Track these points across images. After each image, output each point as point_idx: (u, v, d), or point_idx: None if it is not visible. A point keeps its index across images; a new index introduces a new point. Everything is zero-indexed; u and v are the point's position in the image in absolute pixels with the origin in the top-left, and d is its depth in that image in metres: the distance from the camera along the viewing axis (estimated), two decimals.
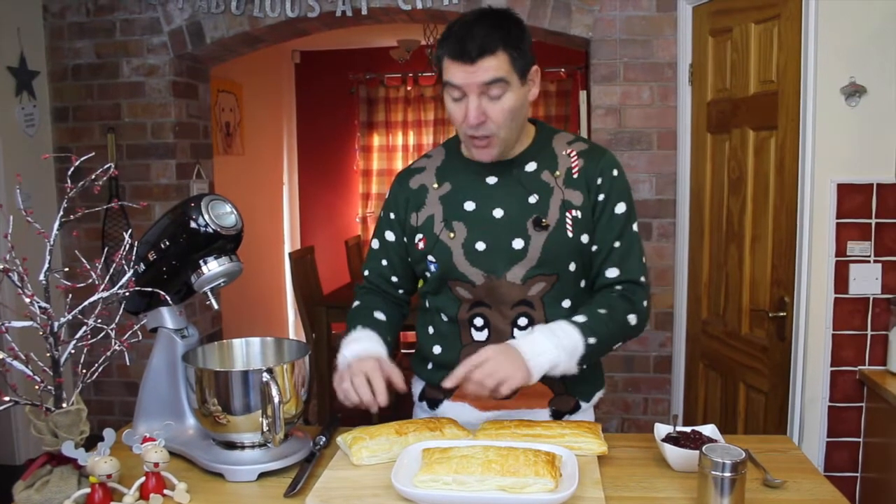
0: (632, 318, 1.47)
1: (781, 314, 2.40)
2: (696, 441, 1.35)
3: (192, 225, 1.38)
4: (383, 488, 1.22)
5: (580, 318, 1.41)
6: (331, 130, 6.44)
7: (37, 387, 1.23)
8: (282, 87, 6.22)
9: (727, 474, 1.12)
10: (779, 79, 2.38)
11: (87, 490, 1.19)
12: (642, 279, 1.51)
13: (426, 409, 1.64)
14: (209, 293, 1.48)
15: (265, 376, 1.29)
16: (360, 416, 1.70)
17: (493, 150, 1.44)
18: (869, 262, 2.27)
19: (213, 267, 1.44)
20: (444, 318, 1.56)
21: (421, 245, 1.53)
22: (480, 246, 1.48)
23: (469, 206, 1.50)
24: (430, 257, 1.52)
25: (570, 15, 3.21)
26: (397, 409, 1.76)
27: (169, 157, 3.60)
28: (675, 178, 3.18)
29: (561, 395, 1.55)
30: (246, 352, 1.54)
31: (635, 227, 1.52)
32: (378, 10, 3.36)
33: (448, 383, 1.34)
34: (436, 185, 1.55)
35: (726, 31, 2.67)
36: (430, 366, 1.60)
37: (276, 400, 1.27)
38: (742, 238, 2.60)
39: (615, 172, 1.51)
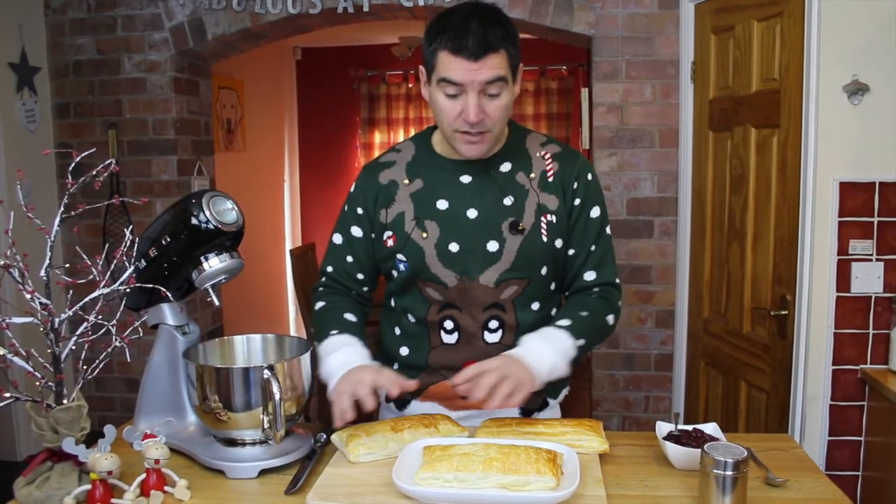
0: (610, 319, 1.52)
1: (783, 312, 2.40)
2: (697, 439, 1.34)
3: (193, 221, 1.38)
4: (384, 486, 1.22)
5: (565, 322, 1.42)
6: (332, 127, 6.44)
7: (37, 383, 1.23)
8: (283, 83, 6.22)
9: (729, 473, 1.12)
10: (781, 76, 2.37)
11: (88, 486, 1.18)
12: (617, 280, 1.56)
13: (393, 410, 1.61)
14: (210, 290, 1.48)
15: (266, 373, 1.29)
16: (360, 415, 1.69)
17: (485, 146, 1.42)
18: (871, 260, 2.27)
19: (214, 263, 1.44)
20: (412, 320, 1.53)
21: (390, 243, 1.49)
22: (454, 247, 1.45)
23: (442, 204, 1.47)
24: (399, 256, 1.48)
25: (573, 12, 3.21)
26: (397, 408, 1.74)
27: (170, 153, 3.60)
28: (676, 175, 3.17)
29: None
30: (247, 348, 1.54)
31: (608, 230, 1.55)
32: (380, 7, 3.35)
33: (458, 380, 1.32)
34: (406, 181, 1.50)
35: (729, 28, 2.66)
36: (395, 366, 1.56)
37: (277, 397, 1.27)
38: (744, 236, 2.59)
39: (589, 176, 1.52)
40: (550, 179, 1.49)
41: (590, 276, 1.52)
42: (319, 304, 1.59)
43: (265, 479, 1.31)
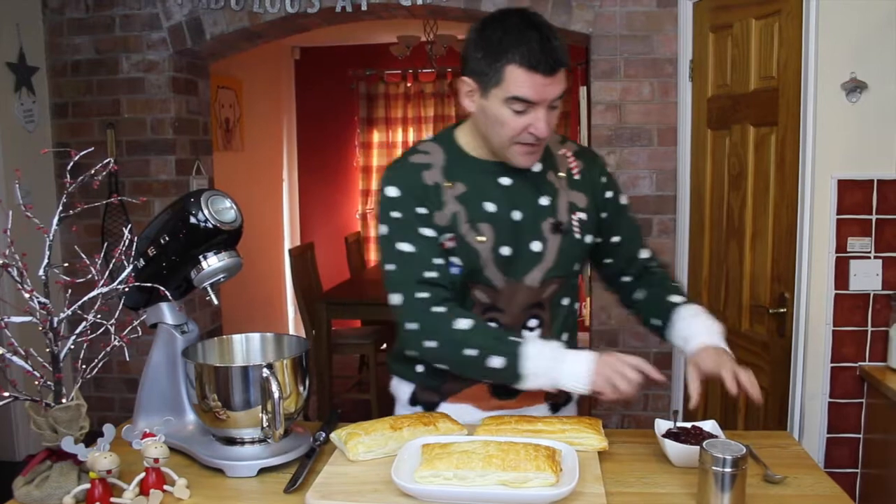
0: None
1: (782, 310, 2.40)
2: (696, 436, 1.35)
3: (192, 220, 1.38)
4: (384, 484, 1.22)
5: (680, 298, 1.55)
6: (330, 127, 6.44)
7: (36, 382, 1.23)
8: (281, 83, 6.22)
9: (728, 470, 1.12)
10: (779, 75, 2.37)
11: (87, 486, 1.18)
12: None
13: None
14: (209, 289, 1.48)
15: (265, 372, 1.29)
16: (360, 414, 1.69)
17: (540, 154, 1.45)
18: (869, 258, 2.27)
19: (212, 262, 1.44)
20: None
21: (449, 244, 1.43)
22: (506, 250, 1.45)
23: (490, 207, 1.45)
24: (453, 259, 1.44)
25: (571, 11, 3.21)
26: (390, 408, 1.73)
27: (168, 153, 3.60)
28: (675, 174, 3.17)
29: None
30: (246, 347, 1.54)
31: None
32: (378, 6, 3.35)
33: (695, 396, 1.38)
34: (448, 184, 1.45)
35: (727, 26, 2.66)
36: (419, 368, 1.54)
37: (276, 395, 1.27)
38: (742, 234, 2.59)
39: (609, 169, 1.62)
40: (577, 178, 1.53)
41: (644, 254, 1.62)
42: (465, 322, 1.38)
43: (264, 477, 1.31)
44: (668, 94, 3.17)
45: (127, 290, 1.34)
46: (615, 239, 1.58)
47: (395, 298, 1.42)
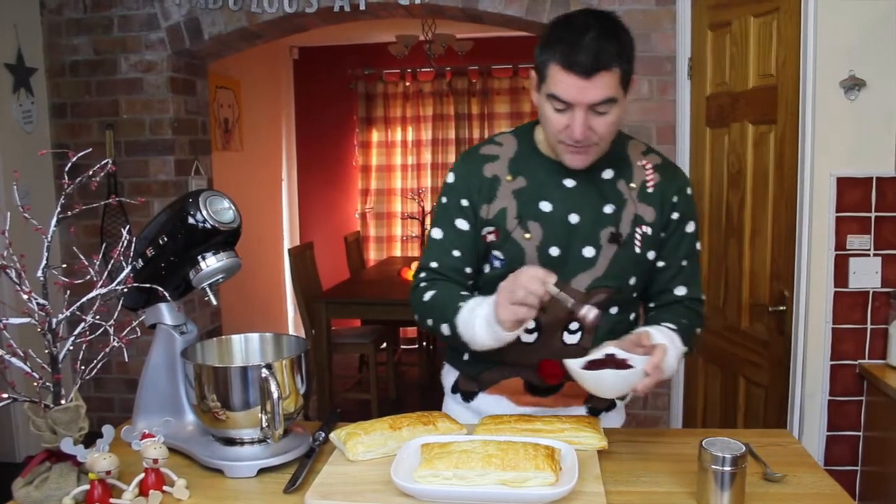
0: (698, 331, 1.51)
1: (781, 308, 2.40)
2: (613, 363, 1.28)
3: (191, 220, 1.38)
4: (383, 483, 1.22)
5: (673, 326, 1.41)
6: (329, 126, 6.44)
7: (35, 384, 1.23)
8: (280, 83, 6.21)
9: (727, 468, 1.12)
10: (778, 72, 2.37)
11: (87, 487, 1.18)
12: (703, 297, 1.54)
13: (460, 402, 1.60)
14: (208, 289, 1.48)
15: (264, 372, 1.29)
16: (360, 413, 1.70)
17: (590, 157, 1.39)
18: (868, 255, 2.27)
19: (211, 263, 1.44)
20: None
21: (491, 238, 1.45)
22: (554, 251, 1.43)
23: (545, 206, 1.44)
24: (496, 253, 1.45)
25: (569, 9, 3.20)
26: (400, 405, 1.75)
27: (167, 153, 3.59)
28: None
29: None
30: (245, 348, 1.54)
31: (699, 245, 1.54)
32: (376, 6, 3.35)
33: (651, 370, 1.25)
34: (509, 178, 1.46)
35: (725, 24, 2.66)
36: (465, 357, 1.56)
37: (275, 396, 1.27)
38: (741, 232, 2.59)
39: (689, 191, 1.51)
40: (650, 191, 1.46)
41: (680, 291, 1.50)
42: (429, 294, 1.46)
43: (264, 477, 1.31)
44: (667, 92, 3.17)
45: (126, 290, 1.34)
46: (660, 264, 1.50)
47: None
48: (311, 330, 4.33)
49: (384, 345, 4.75)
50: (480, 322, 1.33)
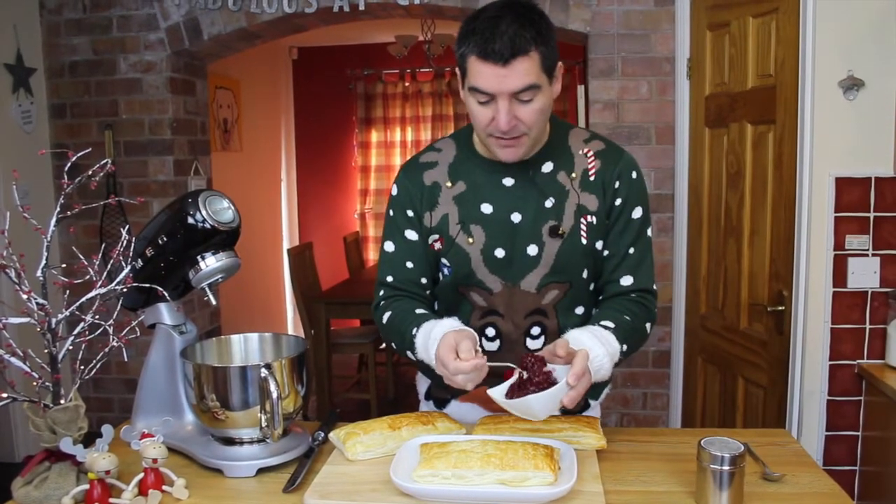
0: (648, 326, 1.47)
1: (780, 308, 2.40)
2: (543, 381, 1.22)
3: (190, 220, 1.38)
4: (382, 483, 1.22)
5: (611, 324, 1.35)
6: (329, 127, 6.44)
7: (35, 383, 1.23)
8: (279, 83, 6.21)
9: (726, 468, 1.12)
10: (777, 73, 2.37)
11: (86, 486, 1.18)
12: (654, 287, 1.49)
13: (433, 409, 1.61)
14: (207, 289, 1.48)
15: (263, 372, 1.29)
16: (359, 413, 1.70)
17: (521, 149, 1.36)
18: (867, 255, 2.28)
19: (210, 262, 1.44)
20: None
21: (437, 246, 1.45)
22: (500, 253, 1.42)
23: (486, 208, 1.42)
24: (444, 261, 1.44)
25: (568, 10, 3.21)
26: (399, 405, 1.76)
27: (166, 153, 3.59)
28: (673, 172, 3.18)
29: None
30: (244, 348, 1.54)
31: (650, 231, 1.48)
32: (375, 6, 3.35)
33: (573, 381, 1.18)
34: (449, 184, 1.45)
35: (724, 25, 2.66)
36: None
37: (275, 395, 1.27)
38: (740, 232, 2.60)
39: (633, 175, 1.45)
40: (592, 178, 1.42)
41: (626, 280, 1.45)
42: (387, 315, 1.46)
43: (263, 477, 1.31)
44: (666, 92, 3.17)
45: (125, 290, 1.34)
46: (605, 252, 1.45)
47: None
48: (311, 330, 4.33)
49: (383, 345, 4.75)
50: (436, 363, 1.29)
